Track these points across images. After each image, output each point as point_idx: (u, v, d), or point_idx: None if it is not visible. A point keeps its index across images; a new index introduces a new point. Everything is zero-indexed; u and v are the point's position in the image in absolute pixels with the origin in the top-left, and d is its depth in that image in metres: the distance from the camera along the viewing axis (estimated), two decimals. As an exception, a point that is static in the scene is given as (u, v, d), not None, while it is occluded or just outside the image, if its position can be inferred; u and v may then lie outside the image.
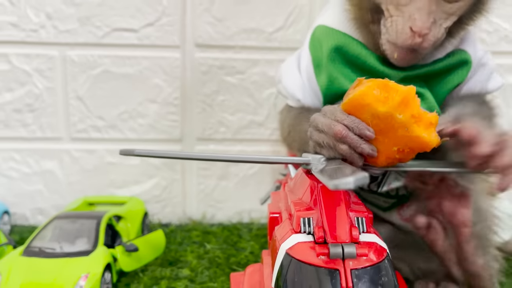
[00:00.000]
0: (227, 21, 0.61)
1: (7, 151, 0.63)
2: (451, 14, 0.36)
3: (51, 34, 0.60)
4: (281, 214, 0.36)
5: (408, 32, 0.36)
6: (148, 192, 0.64)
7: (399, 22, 0.36)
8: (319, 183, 0.31)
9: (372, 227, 0.31)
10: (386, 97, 0.31)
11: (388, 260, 0.28)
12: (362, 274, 0.26)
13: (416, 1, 0.35)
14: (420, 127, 0.31)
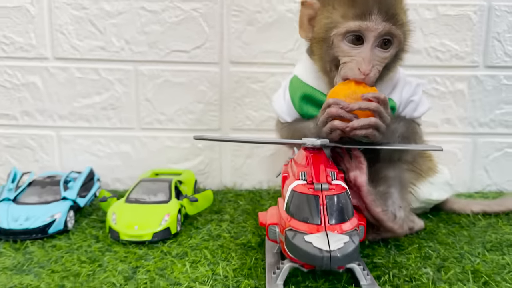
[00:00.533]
0: (253, 45, 0.85)
1: (96, 137, 0.88)
2: (382, 62, 0.59)
3: (128, 54, 0.85)
4: (288, 174, 0.61)
5: (357, 71, 0.57)
6: (195, 167, 0.89)
7: (351, 65, 0.58)
8: (310, 153, 0.56)
9: (340, 177, 0.55)
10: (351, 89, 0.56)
11: (347, 193, 0.52)
12: (331, 198, 0.51)
13: (362, 53, 0.58)
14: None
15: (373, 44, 0.58)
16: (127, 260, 0.58)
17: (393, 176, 0.66)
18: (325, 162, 0.55)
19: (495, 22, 0.84)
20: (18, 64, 0.85)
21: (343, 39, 0.58)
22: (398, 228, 0.63)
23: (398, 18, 0.58)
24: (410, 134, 0.65)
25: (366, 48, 0.57)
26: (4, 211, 0.66)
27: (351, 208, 0.52)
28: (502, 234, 0.68)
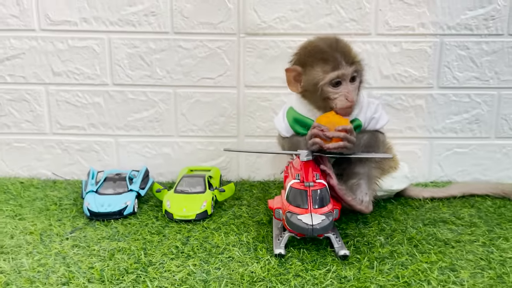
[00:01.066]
0: (262, 73, 1.13)
1: (145, 143, 1.17)
2: (355, 91, 0.87)
3: (168, 80, 1.13)
4: (288, 174, 0.89)
5: (345, 101, 0.86)
6: (219, 164, 1.18)
7: (341, 98, 0.86)
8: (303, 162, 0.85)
9: (322, 178, 0.84)
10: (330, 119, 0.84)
11: (325, 188, 0.81)
12: (315, 192, 0.79)
13: (344, 89, 0.85)
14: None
15: (347, 82, 0.86)
16: (181, 232, 0.88)
17: (362, 172, 0.95)
18: (312, 167, 0.84)
19: (445, 54, 1.11)
20: (86, 89, 1.13)
21: (328, 86, 0.86)
22: (364, 209, 0.92)
23: (356, 60, 0.88)
24: (373, 142, 0.94)
25: (345, 86, 0.87)
26: (92, 200, 0.95)
27: (328, 197, 0.81)
28: (439, 214, 0.97)
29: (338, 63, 0.86)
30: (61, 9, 1.08)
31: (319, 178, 0.83)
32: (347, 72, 0.86)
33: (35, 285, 0.68)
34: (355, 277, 0.70)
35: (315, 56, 0.88)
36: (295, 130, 0.94)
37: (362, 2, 1.08)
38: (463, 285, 0.69)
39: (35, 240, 0.83)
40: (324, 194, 0.80)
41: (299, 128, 0.93)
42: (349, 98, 0.86)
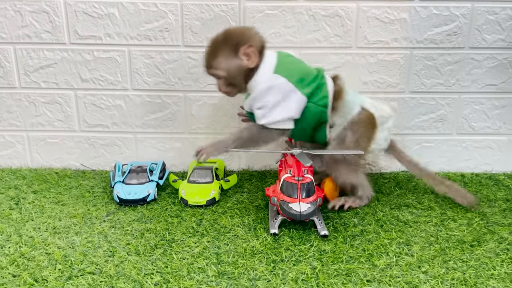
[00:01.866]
0: (259, 79, 1.32)
1: (159, 138, 1.37)
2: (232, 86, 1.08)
3: (180, 86, 1.32)
4: (282, 169, 1.10)
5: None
6: (223, 156, 1.39)
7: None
8: (294, 158, 1.05)
9: (310, 172, 1.05)
10: None
11: (312, 182, 1.02)
12: (303, 184, 1.00)
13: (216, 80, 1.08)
14: None
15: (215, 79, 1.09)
16: (195, 215, 1.09)
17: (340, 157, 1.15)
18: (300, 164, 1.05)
19: (415, 64, 1.31)
20: (109, 93, 1.33)
21: None
22: (362, 202, 1.14)
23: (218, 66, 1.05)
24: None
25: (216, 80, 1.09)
26: (120, 189, 1.16)
27: (313, 189, 1.02)
28: (404, 199, 1.19)
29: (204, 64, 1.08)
30: (88, 26, 1.26)
31: (306, 173, 1.04)
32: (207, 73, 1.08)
33: (88, 257, 0.89)
34: (332, 250, 0.92)
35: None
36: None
37: (345, 20, 1.27)
38: (413, 256, 0.91)
39: (79, 222, 1.04)
40: (311, 186, 1.02)
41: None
42: (218, 89, 1.09)
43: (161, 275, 0.83)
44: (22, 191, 1.20)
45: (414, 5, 1.25)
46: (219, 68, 1.05)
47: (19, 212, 1.08)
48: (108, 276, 0.83)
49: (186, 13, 1.26)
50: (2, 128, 1.35)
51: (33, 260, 0.88)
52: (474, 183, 1.30)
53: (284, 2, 1.25)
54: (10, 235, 0.97)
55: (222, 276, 0.84)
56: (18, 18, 1.26)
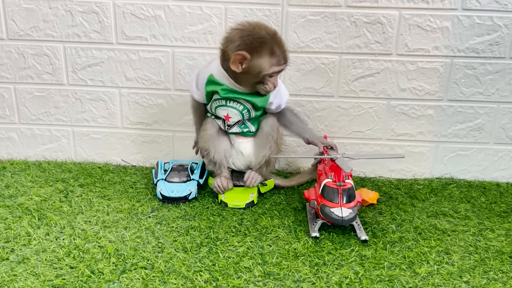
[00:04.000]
0: (299, 83, 1.35)
1: (199, 138, 1.41)
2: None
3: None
4: (322, 173, 1.13)
5: (273, 87, 1.08)
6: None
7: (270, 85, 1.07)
8: (333, 163, 1.08)
9: (350, 178, 1.07)
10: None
11: (353, 187, 1.04)
12: (344, 190, 1.03)
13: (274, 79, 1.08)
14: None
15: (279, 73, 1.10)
16: (236, 215, 1.12)
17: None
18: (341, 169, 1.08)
19: (454, 72, 1.32)
20: (152, 92, 1.37)
21: (268, 76, 1.07)
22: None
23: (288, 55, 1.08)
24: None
25: (276, 77, 1.10)
26: (163, 186, 1.20)
27: (354, 194, 1.05)
28: (440, 207, 1.20)
29: (280, 59, 1.06)
30: (135, 27, 1.31)
31: (348, 179, 1.06)
32: (283, 68, 1.09)
33: (139, 252, 0.94)
34: (373, 256, 0.95)
35: (264, 47, 1.03)
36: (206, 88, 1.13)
37: (386, 27, 1.28)
38: (454, 265, 0.93)
39: (127, 217, 1.08)
40: (352, 192, 1.04)
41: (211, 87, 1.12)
42: (275, 86, 1.09)
43: (209, 273, 0.87)
44: (70, 185, 1.25)
45: (457, 14, 1.26)
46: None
47: (69, 205, 1.13)
48: (160, 271, 0.87)
49: (230, 17, 1.29)
50: (49, 122, 1.41)
51: (87, 253, 0.92)
52: (509, 193, 1.31)
53: (326, 8, 1.27)
54: (63, 227, 1.02)
55: (268, 276, 0.87)
56: (69, 17, 1.30)
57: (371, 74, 1.32)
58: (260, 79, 1.07)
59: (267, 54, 1.04)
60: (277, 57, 1.05)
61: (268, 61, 1.04)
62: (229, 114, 1.16)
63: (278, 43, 1.05)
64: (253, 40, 1.03)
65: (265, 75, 1.06)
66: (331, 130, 1.38)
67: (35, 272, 0.86)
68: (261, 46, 1.03)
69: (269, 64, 1.05)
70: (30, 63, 1.35)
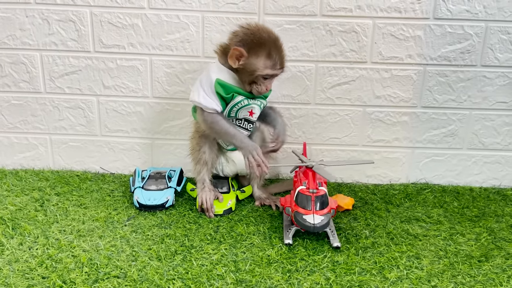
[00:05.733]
0: (277, 91, 1.36)
1: (177, 145, 1.41)
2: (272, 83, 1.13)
3: (198, 95, 1.37)
4: (297, 181, 1.14)
5: (265, 90, 1.11)
6: (238, 164, 1.43)
7: (263, 87, 1.10)
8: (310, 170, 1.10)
9: (324, 185, 1.09)
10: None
11: (325, 194, 1.06)
12: (317, 197, 1.04)
13: (268, 82, 1.11)
14: None
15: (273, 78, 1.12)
16: (212, 222, 1.13)
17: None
18: (313, 176, 1.09)
19: (427, 79, 1.34)
20: (130, 100, 1.37)
21: (261, 77, 1.09)
22: None
23: (285, 63, 1.12)
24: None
25: (271, 80, 1.12)
26: (140, 194, 1.20)
27: (327, 201, 1.06)
28: (414, 213, 1.22)
29: (276, 64, 1.09)
30: (112, 35, 1.31)
31: (321, 186, 1.08)
32: (278, 74, 1.12)
33: (112, 261, 0.94)
34: (344, 262, 0.96)
35: (262, 49, 1.07)
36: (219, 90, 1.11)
37: (360, 36, 1.30)
38: (423, 270, 0.95)
39: (102, 225, 1.09)
40: (325, 199, 1.06)
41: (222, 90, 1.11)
42: (267, 89, 1.12)
43: (182, 281, 0.88)
44: (46, 193, 1.25)
45: (429, 23, 1.29)
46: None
47: (45, 214, 1.13)
48: (132, 280, 0.87)
49: (207, 25, 1.30)
50: (27, 130, 1.40)
51: (60, 262, 0.92)
52: (482, 198, 1.33)
53: (302, 17, 1.29)
54: (37, 237, 1.02)
55: (240, 283, 0.88)
56: (46, 26, 1.30)
57: (346, 82, 1.34)
58: (254, 78, 1.10)
59: (263, 55, 1.08)
60: (273, 61, 1.08)
61: (263, 62, 1.08)
62: (253, 110, 1.18)
63: (277, 48, 1.09)
64: (254, 40, 1.08)
65: (258, 75, 1.09)
66: (309, 137, 1.40)
67: (6, 283, 0.85)
68: (260, 47, 1.07)
69: (264, 65, 1.08)
70: (7, 71, 1.35)
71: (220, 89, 1.11)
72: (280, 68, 1.11)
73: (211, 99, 1.12)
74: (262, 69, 1.08)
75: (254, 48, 1.07)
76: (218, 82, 1.11)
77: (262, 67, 1.08)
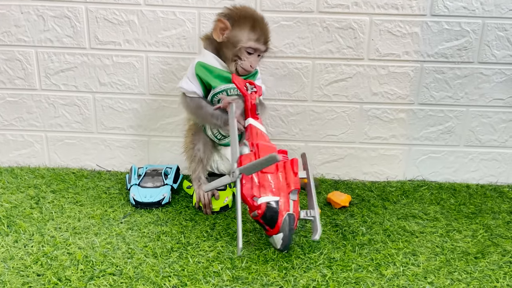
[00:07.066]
0: (273, 88, 1.36)
1: (173, 142, 1.41)
2: (258, 62, 1.13)
3: (195, 92, 1.36)
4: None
5: (249, 67, 1.11)
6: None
7: (247, 63, 1.10)
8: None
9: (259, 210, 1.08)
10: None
11: (263, 213, 1.05)
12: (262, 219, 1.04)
13: (252, 58, 1.10)
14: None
15: (257, 54, 1.12)
16: (208, 220, 1.13)
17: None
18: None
19: (424, 76, 1.34)
20: (126, 97, 1.37)
21: (244, 49, 1.10)
22: None
23: (269, 43, 1.13)
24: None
25: (255, 56, 1.12)
26: (136, 191, 1.20)
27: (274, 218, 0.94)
28: (410, 209, 1.22)
29: (260, 37, 1.10)
30: (108, 32, 1.30)
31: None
32: (261, 49, 1.12)
33: (108, 258, 0.93)
34: (341, 259, 0.96)
35: (246, 21, 1.09)
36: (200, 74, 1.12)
37: (357, 33, 1.30)
38: (419, 266, 0.95)
39: (98, 223, 1.08)
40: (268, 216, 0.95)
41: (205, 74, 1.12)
42: (252, 66, 1.12)
43: (178, 278, 0.87)
44: (42, 191, 1.24)
45: (426, 20, 1.28)
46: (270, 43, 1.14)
47: (40, 211, 1.12)
48: (128, 277, 0.87)
49: (204, 22, 1.29)
50: (22, 127, 1.40)
51: (55, 260, 0.92)
52: (479, 195, 1.33)
53: (299, 13, 1.29)
54: (32, 234, 1.01)
55: (236, 280, 0.88)
56: (41, 22, 1.30)
57: (343, 79, 1.34)
58: (238, 52, 1.10)
59: (247, 27, 1.09)
60: (257, 34, 1.10)
61: (247, 34, 1.09)
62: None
63: (262, 24, 1.11)
64: (239, 14, 1.10)
65: (242, 47, 1.09)
66: (306, 134, 1.39)
67: (1, 280, 0.85)
68: (244, 20, 1.09)
69: (247, 37, 1.09)
70: (2, 68, 1.34)
71: (201, 71, 1.12)
72: (264, 44, 1.12)
73: (192, 83, 1.14)
74: (246, 41, 1.09)
75: (238, 21, 1.09)
76: (200, 64, 1.13)
77: (245, 38, 1.09)
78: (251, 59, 1.11)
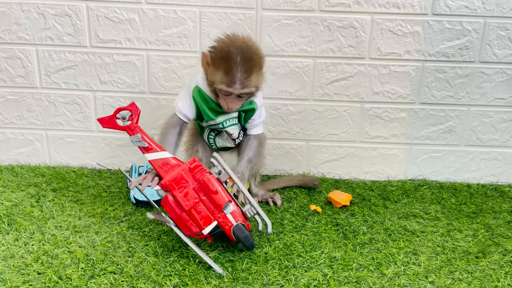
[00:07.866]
0: (274, 86, 1.36)
1: (174, 141, 1.41)
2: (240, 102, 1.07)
3: (195, 91, 1.36)
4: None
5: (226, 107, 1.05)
6: (235, 160, 1.42)
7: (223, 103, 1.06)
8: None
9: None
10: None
11: (201, 232, 1.06)
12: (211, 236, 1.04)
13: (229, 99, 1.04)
14: None
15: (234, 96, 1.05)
16: (209, 219, 1.13)
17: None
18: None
19: (425, 76, 1.34)
20: (127, 95, 1.36)
21: (220, 90, 1.05)
22: None
23: (251, 84, 1.03)
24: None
25: (231, 98, 1.05)
26: (137, 190, 1.20)
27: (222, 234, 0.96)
28: (411, 209, 1.22)
29: (233, 82, 1.02)
30: (109, 30, 1.30)
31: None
32: (236, 92, 1.03)
33: (109, 257, 0.93)
34: (342, 258, 0.96)
35: (222, 63, 1.02)
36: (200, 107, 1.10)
37: (359, 32, 1.30)
38: (420, 266, 0.94)
39: (98, 221, 1.08)
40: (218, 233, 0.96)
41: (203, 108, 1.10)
42: (229, 107, 1.06)
43: (179, 277, 0.87)
44: (42, 189, 1.24)
45: (428, 19, 1.28)
46: (252, 86, 1.05)
47: (40, 210, 1.12)
48: (129, 276, 0.87)
49: (205, 21, 1.29)
50: (22, 126, 1.39)
51: (56, 258, 0.92)
52: (479, 194, 1.33)
53: (300, 12, 1.28)
54: (33, 233, 1.01)
55: (237, 281, 0.87)
56: (41, 20, 1.29)
57: (344, 78, 1.34)
58: (214, 89, 1.06)
59: (222, 70, 1.03)
60: (229, 78, 1.02)
61: (220, 76, 1.03)
62: (230, 131, 1.15)
63: (242, 66, 1.02)
64: (221, 50, 1.03)
65: (215, 88, 1.05)
66: (306, 133, 1.39)
67: (2, 278, 0.85)
68: (221, 60, 1.03)
69: (220, 79, 1.03)
70: (3, 66, 1.33)
71: (197, 97, 1.10)
72: (242, 88, 1.03)
73: (186, 103, 1.12)
74: (218, 83, 1.04)
75: (217, 60, 1.03)
76: (198, 90, 1.11)
77: (218, 81, 1.03)
78: (227, 100, 1.06)
